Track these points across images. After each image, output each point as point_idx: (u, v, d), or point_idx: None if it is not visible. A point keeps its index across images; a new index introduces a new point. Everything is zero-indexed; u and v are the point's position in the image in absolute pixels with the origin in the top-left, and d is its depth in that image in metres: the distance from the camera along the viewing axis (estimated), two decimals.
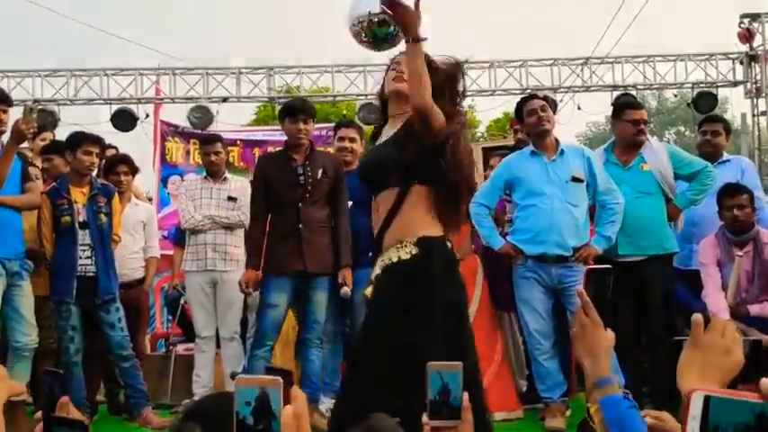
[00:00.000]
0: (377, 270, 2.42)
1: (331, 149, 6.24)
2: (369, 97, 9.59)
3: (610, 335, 1.37)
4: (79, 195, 4.09)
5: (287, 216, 3.88)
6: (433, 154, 2.37)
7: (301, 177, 3.90)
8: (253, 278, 3.89)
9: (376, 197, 2.54)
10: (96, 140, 4.06)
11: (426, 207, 2.41)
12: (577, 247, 3.80)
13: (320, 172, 3.97)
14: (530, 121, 3.89)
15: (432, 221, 2.40)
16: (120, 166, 4.62)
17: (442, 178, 2.40)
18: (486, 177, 4.43)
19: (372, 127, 2.77)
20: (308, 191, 3.89)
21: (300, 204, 3.87)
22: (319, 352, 3.93)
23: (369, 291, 2.39)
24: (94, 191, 4.15)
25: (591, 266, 3.38)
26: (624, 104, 4.06)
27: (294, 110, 4.03)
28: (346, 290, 3.76)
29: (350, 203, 3.98)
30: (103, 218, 4.06)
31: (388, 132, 2.60)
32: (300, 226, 3.83)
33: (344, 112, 13.05)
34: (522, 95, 6.19)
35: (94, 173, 4.23)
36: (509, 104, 9.83)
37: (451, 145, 2.36)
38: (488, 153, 5.92)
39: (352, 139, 4.23)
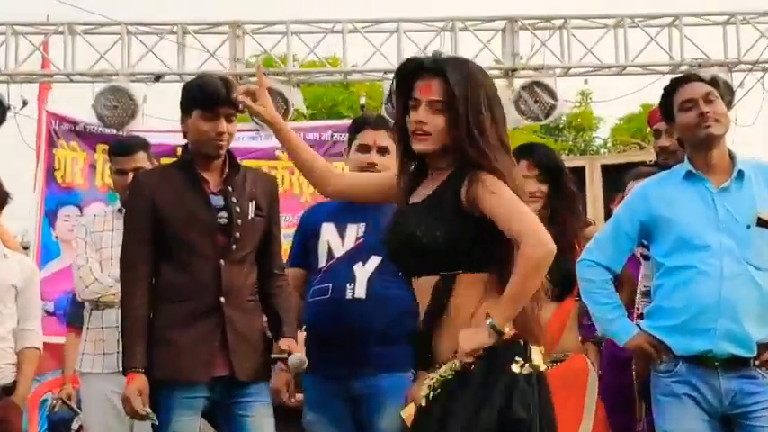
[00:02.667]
0: (425, 389, 2.78)
1: (340, 163, 6.28)
2: None
3: None
4: None
5: (197, 282, 3.80)
6: (489, 232, 2.77)
7: (222, 215, 3.85)
8: (143, 388, 3.69)
9: (412, 282, 2.91)
10: None
11: (486, 295, 2.79)
12: (766, 342, 3.71)
13: (251, 206, 3.91)
14: (685, 120, 3.88)
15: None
16: None
17: (503, 260, 2.78)
18: (608, 214, 4.75)
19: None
20: (234, 239, 3.84)
21: (222, 262, 3.82)
22: None
23: (408, 412, 2.77)
24: None
25: None
26: None
27: (211, 97, 3.84)
28: (298, 356, 3.83)
29: (377, 261, 4.10)
30: None
31: (425, 189, 2.95)
32: (222, 300, 3.80)
33: (364, 99, 13.54)
34: (673, 75, 6.36)
35: None
36: (649, 93, 9.59)
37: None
38: (612, 173, 5.95)
39: (382, 149, 4.27)
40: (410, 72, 2.99)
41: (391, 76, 9.59)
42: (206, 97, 3.86)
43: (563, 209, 4.29)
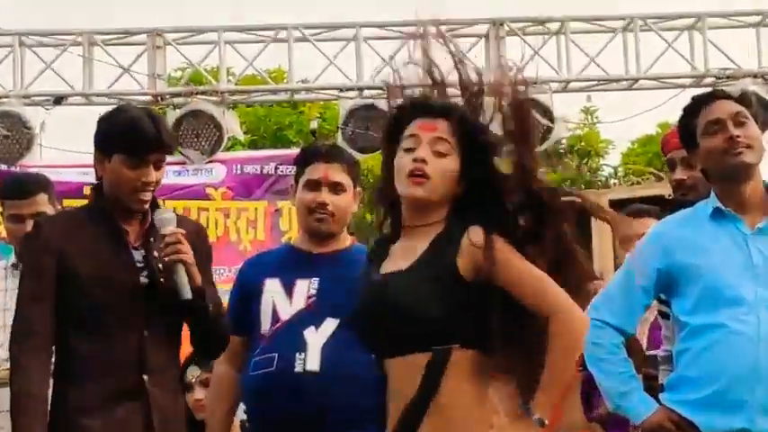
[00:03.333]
0: None
1: (286, 203, 6.32)
2: (366, 93, 9.86)
3: None
4: None
5: (116, 357, 3.80)
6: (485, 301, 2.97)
7: (143, 272, 3.85)
8: None
9: (385, 363, 3.05)
10: None
11: (478, 376, 2.98)
12: None
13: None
14: (710, 146, 3.91)
15: (496, 405, 2.95)
16: None
17: (492, 334, 2.94)
18: (616, 264, 4.80)
19: (370, 158, 3.26)
20: (157, 304, 3.85)
21: (146, 333, 3.83)
22: None
23: None
24: None
25: None
26: None
27: (140, 142, 3.79)
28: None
29: (333, 324, 4.16)
30: None
31: (405, 252, 3.11)
32: (145, 378, 3.84)
33: (316, 122, 13.54)
34: (695, 89, 6.38)
35: None
36: (667, 110, 9.97)
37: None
38: (621, 210, 6.06)
39: (334, 186, 4.33)
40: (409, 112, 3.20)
41: (350, 93, 9.70)
42: (133, 142, 3.82)
43: (559, 257, 4.21)
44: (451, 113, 3.11)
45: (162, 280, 3.86)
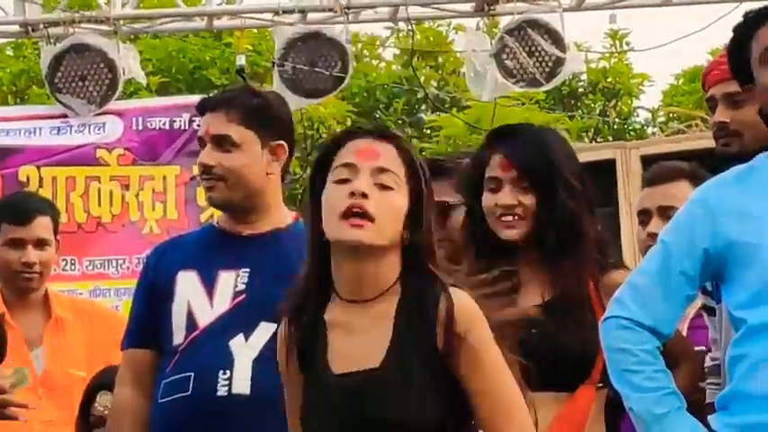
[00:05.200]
0: None
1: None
2: (311, 17, 10.19)
3: None
4: None
5: None
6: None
7: None
8: None
9: None
10: None
11: None
12: None
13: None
14: None
15: None
16: None
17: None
18: (648, 238, 4.87)
19: (312, 108, 3.28)
20: None
21: None
22: None
23: None
24: None
25: None
26: None
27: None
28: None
29: (268, 330, 4.24)
30: None
31: (361, 334, 3.29)
32: None
33: (243, 58, 13.51)
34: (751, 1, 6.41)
35: None
36: (719, 33, 10.81)
37: None
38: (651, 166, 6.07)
39: (218, 140, 4.52)
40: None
41: (290, 17, 9.72)
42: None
43: (566, 238, 4.36)
44: (397, 138, 3.25)
45: None
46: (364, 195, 3.13)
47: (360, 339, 3.24)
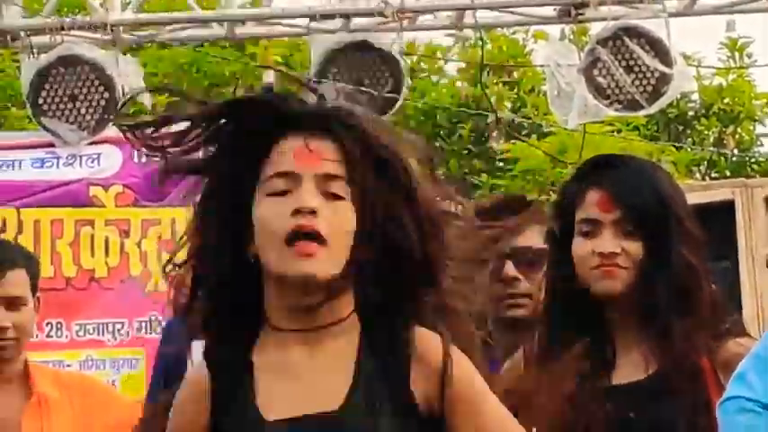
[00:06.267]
0: None
1: None
2: (355, 23, 10.30)
3: None
4: None
5: None
6: None
7: None
8: None
9: None
10: None
11: None
12: None
13: None
14: None
15: None
16: None
17: None
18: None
19: None
20: None
21: None
22: None
23: None
24: None
25: None
26: None
27: None
28: None
29: None
30: None
31: (309, 374, 3.18)
32: None
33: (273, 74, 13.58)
34: None
35: None
36: None
37: None
38: None
39: None
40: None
41: (328, 24, 9.55)
42: None
43: (678, 296, 4.28)
44: (344, 129, 3.08)
45: None
46: (313, 212, 2.97)
47: (310, 377, 3.15)
